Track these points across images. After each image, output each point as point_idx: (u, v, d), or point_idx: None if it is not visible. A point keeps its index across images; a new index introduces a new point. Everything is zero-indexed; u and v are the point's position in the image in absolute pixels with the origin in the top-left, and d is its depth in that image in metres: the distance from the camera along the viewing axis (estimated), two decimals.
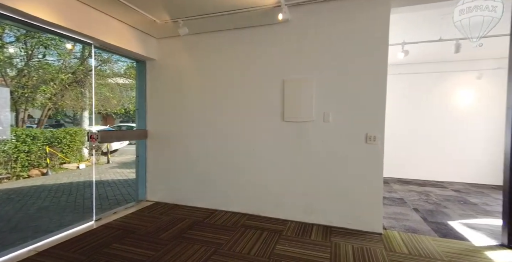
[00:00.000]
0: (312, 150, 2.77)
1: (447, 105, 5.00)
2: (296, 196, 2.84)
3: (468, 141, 4.88)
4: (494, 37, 3.23)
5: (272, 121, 2.92)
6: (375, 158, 2.55)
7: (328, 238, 2.43)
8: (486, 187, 4.57)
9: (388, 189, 4.35)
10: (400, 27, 3.22)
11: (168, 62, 3.41)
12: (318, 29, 2.68)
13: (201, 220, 2.87)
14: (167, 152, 3.46)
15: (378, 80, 2.51)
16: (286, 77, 2.84)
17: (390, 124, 5.00)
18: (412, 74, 5.10)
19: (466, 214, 3.19)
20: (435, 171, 5.07)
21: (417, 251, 2.20)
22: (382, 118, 2.52)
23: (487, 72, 4.63)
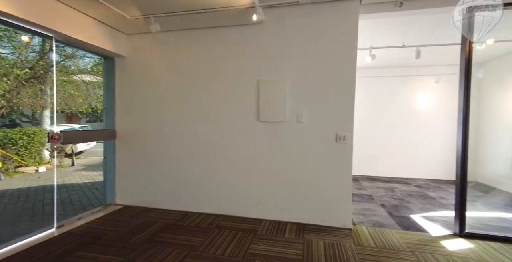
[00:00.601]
0: (286, 150, 2.82)
1: (410, 107, 5.38)
2: (270, 195, 2.88)
3: (428, 140, 5.29)
4: (450, 45, 3.55)
5: (247, 122, 2.93)
6: (345, 156, 2.67)
7: (301, 235, 2.49)
8: (443, 182, 5.00)
9: (358, 186, 4.57)
10: (368, 32, 3.40)
11: (139, 60, 3.27)
12: (291, 31, 2.74)
13: (174, 223, 2.79)
14: (137, 153, 3.31)
15: (347, 83, 2.62)
16: (261, 78, 2.86)
17: (359, 125, 5.26)
18: (379, 77, 5.42)
19: (426, 207, 3.46)
20: (400, 169, 5.43)
21: (383, 244, 2.34)
22: (351, 118, 2.64)
23: (444, 77, 5.06)
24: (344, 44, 2.61)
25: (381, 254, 2.16)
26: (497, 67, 4.68)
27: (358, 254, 2.15)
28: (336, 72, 2.65)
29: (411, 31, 3.38)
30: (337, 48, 2.63)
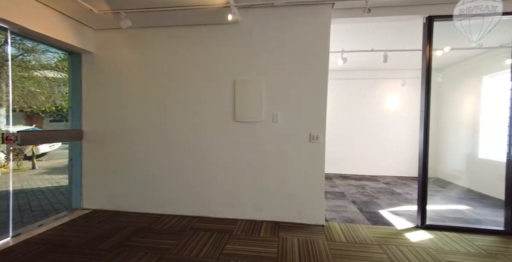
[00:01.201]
0: (262, 149, 2.85)
1: (379, 108, 5.70)
2: (246, 195, 2.89)
3: (395, 139, 5.64)
4: (414, 51, 3.81)
5: (223, 122, 2.91)
6: (318, 155, 2.76)
7: (276, 234, 2.53)
8: (409, 178, 5.35)
9: (331, 184, 4.74)
10: (340, 36, 3.54)
11: (108, 56, 3.11)
12: (266, 32, 2.77)
13: (147, 226, 2.69)
14: (106, 154, 3.15)
15: (320, 84, 2.71)
16: (237, 78, 2.86)
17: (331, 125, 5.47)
18: (350, 80, 5.67)
19: (393, 203, 3.68)
20: (370, 167, 5.73)
21: (353, 239, 2.45)
22: (324, 119, 2.74)
23: (409, 80, 5.42)
24: (317, 46, 2.70)
25: (351, 249, 2.26)
26: (454, 73, 5.12)
27: (330, 250, 2.23)
28: (309, 74, 2.73)
29: (379, 37, 3.58)
30: (311, 50, 2.71)
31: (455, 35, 3.54)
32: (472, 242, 2.41)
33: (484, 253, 2.21)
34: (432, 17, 2.64)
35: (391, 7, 2.65)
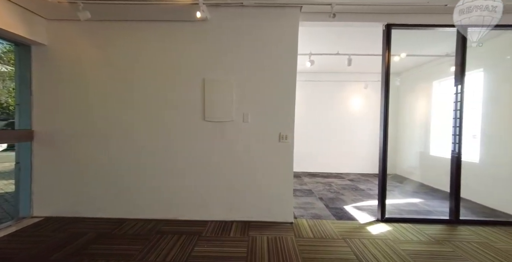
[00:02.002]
0: (232, 149, 2.83)
1: (344, 109, 6.02)
2: (216, 195, 2.85)
3: (359, 138, 6.00)
4: (375, 56, 4.07)
5: (192, 121, 2.84)
6: (287, 155, 2.82)
7: (246, 233, 2.54)
8: (371, 175, 5.72)
9: (300, 182, 4.88)
10: (308, 39, 3.67)
11: (64, 49, 2.86)
12: (236, 32, 2.77)
13: (109, 232, 2.53)
14: (62, 156, 2.88)
15: (289, 85, 2.78)
16: (206, 77, 2.81)
17: (300, 125, 5.63)
18: (317, 82, 5.91)
19: (356, 198, 3.91)
20: (336, 164, 6.02)
21: (320, 234, 2.55)
22: (292, 119, 2.81)
23: (371, 83, 5.80)
24: (286, 48, 2.76)
25: (318, 244, 2.35)
26: (409, 77, 5.59)
27: (298, 246, 2.30)
28: (279, 74, 2.78)
29: (344, 41, 3.78)
30: (280, 51, 2.76)
31: (410, 43, 3.87)
32: (423, 231, 2.65)
33: (433, 240, 2.45)
34: (390, 25, 2.85)
35: (354, 13, 2.81)
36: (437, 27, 2.86)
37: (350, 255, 2.14)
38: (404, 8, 2.68)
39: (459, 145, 2.87)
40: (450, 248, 2.30)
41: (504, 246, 2.35)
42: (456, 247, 2.31)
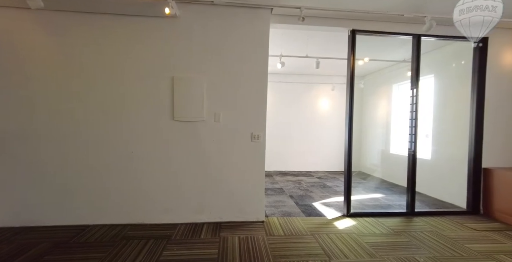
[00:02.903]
0: (203, 149, 2.78)
1: (313, 110, 6.25)
2: (186, 197, 2.78)
3: (327, 138, 6.27)
4: (341, 59, 4.28)
5: (160, 121, 2.73)
6: (259, 154, 2.85)
7: (217, 234, 2.51)
8: (338, 173, 6.01)
9: (271, 181, 4.96)
10: (279, 41, 3.74)
11: (9, 40, 2.56)
12: (207, 30, 2.72)
13: (66, 241, 2.33)
14: (3, 159, 2.59)
15: (260, 85, 2.81)
16: (176, 75, 2.72)
17: (271, 125, 5.73)
18: (288, 83, 6.06)
19: (324, 195, 4.08)
20: (306, 163, 6.23)
21: (290, 231, 2.62)
22: (264, 119, 2.84)
23: (338, 85, 6.09)
24: (257, 49, 2.78)
25: (288, 241, 2.41)
26: (372, 80, 5.97)
27: (269, 244, 2.33)
28: (250, 75, 2.79)
29: (313, 44, 3.92)
30: (251, 52, 2.78)
31: (373, 48, 4.13)
32: (384, 224, 2.86)
33: (392, 232, 2.65)
34: (355, 31, 3.02)
35: (322, 18, 2.93)
36: (395, 34, 3.10)
37: (318, 250, 2.23)
38: (367, 15, 2.86)
39: (414, 143, 3.14)
40: (407, 238, 2.50)
41: (450, 233, 2.62)
42: (412, 237, 2.52)
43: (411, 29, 3.05)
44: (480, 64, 3.21)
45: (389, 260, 2.08)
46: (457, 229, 2.74)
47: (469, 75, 3.31)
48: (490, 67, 3.20)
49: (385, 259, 2.09)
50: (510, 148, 3.27)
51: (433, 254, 2.19)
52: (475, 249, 2.29)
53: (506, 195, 2.96)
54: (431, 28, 2.67)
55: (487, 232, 2.67)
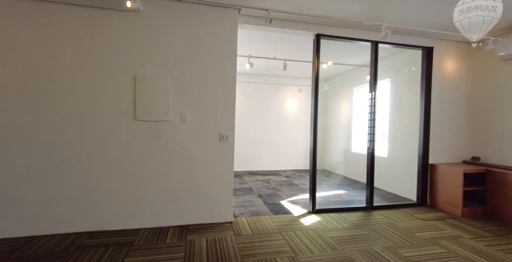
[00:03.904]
0: (169, 150, 2.68)
1: (281, 111, 6.39)
2: (151, 200, 2.65)
3: (294, 138, 6.46)
4: (307, 62, 4.44)
5: (121, 121, 2.57)
6: (228, 154, 2.83)
7: (184, 237, 2.44)
8: (304, 171, 6.22)
9: (240, 181, 4.96)
10: (247, 41, 3.75)
11: None
12: (173, 27, 2.63)
13: (8, 255, 2.07)
14: None
15: (228, 85, 2.79)
16: (138, 72, 2.58)
17: (240, 125, 5.75)
18: (257, 83, 6.12)
19: (291, 193, 4.19)
20: (274, 162, 6.35)
21: (258, 230, 2.65)
22: (233, 119, 2.83)
23: (304, 87, 6.31)
24: (225, 48, 2.76)
25: (256, 240, 2.43)
26: (336, 83, 6.30)
27: (238, 244, 2.33)
28: (218, 74, 2.76)
29: (281, 46, 4.00)
30: (219, 51, 2.75)
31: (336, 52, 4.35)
32: (346, 218, 3.03)
33: (353, 226, 2.82)
34: (320, 35, 3.16)
35: (289, 21, 3.01)
36: (356, 40, 3.31)
37: (285, 247, 2.29)
38: (331, 21, 3.01)
39: (372, 142, 3.39)
40: (366, 231, 2.69)
41: (402, 224, 2.88)
42: (371, 230, 2.71)
43: (370, 36, 3.29)
44: (427, 71, 3.58)
45: (350, 252, 2.22)
46: (408, 220, 3.01)
47: (419, 80, 3.67)
48: (435, 74, 3.59)
49: (347, 252, 2.22)
50: (451, 146, 3.70)
51: (388, 244, 2.38)
52: (422, 237, 2.54)
53: (447, 187, 3.34)
54: (387, 36, 2.90)
55: (432, 221, 2.99)
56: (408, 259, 2.11)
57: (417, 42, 3.50)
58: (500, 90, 3.37)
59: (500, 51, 3.20)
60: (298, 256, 2.14)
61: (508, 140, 3.27)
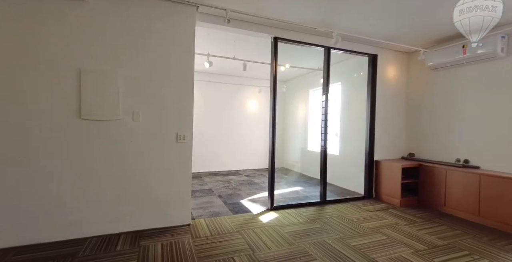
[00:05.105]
0: (120, 152, 2.50)
1: (242, 111, 6.43)
2: (99, 206, 2.43)
3: (254, 137, 6.55)
4: (267, 64, 4.54)
5: (64, 120, 2.31)
6: (185, 155, 2.74)
7: (137, 243, 2.30)
8: (265, 170, 6.35)
9: (200, 182, 4.86)
10: (206, 40, 3.70)
11: None
12: (125, 20, 2.46)
13: None
14: None
15: (186, 84, 2.71)
16: (83, 67, 2.35)
17: (200, 125, 5.63)
18: (218, 83, 6.06)
19: (252, 192, 4.25)
20: (235, 162, 6.35)
21: (217, 231, 2.63)
22: (191, 118, 2.76)
23: (264, 88, 6.43)
24: (182, 45, 2.68)
25: (215, 240, 2.41)
26: (293, 85, 6.57)
27: (195, 246, 2.28)
28: (175, 72, 2.66)
29: (241, 46, 4.03)
30: (176, 47, 2.65)
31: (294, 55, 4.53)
32: (302, 213, 3.19)
33: (308, 220, 2.98)
34: (277, 38, 3.26)
35: (248, 22, 3.05)
36: (311, 45, 3.50)
37: (244, 245, 2.32)
38: (288, 25, 3.13)
39: (325, 141, 3.62)
40: (319, 224, 2.87)
41: (351, 216, 3.14)
42: (323, 223, 2.90)
43: (324, 42, 3.51)
44: (373, 76, 3.96)
45: (305, 245, 2.34)
46: (356, 212, 3.30)
47: (366, 84, 4.03)
48: (379, 79, 3.98)
49: (302, 245, 2.34)
50: (392, 144, 4.15)
51: (339, 235, 2.57)
52: (367, 227, 2.81)
53: (388, 181, 3.74)
54: (338, 42, 3.13)
55: (377, 212, 3.32)
56: (355, 248, 2.31)
57: (364, 50, 3.85)
58: (430, 96, 3.89)
59: (429, 61, 3.70)
60: (256, 253, 2.18)
61: (436, 139, 3.79)
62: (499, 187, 2.79)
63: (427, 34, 3.41)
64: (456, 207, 3.19)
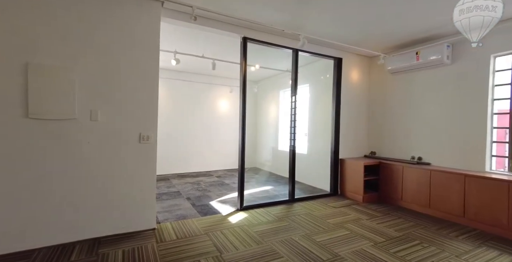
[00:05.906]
0: (76, 154, 2.31)
1: (213, 110, 6.33)
2: (49, 215, 2.22)
3: (226, 137, 6.48)
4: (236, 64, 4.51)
5: (6, 119, 2.07)
6: (149, 157, 2.62)
7: (95, 252, 2.15)
8: (236, 170, 6.32)
9: (168, 185, 4.68)
10: (174, 36, 3.57)
11: None
12: (83, 10, 2.27)
13: None
14: None
15: (150, 82, 2.59)
16: (32, 61, 2.13)
17: (167, 125, 5.43)
18: (186, 81, 5.88)
19: (222, 193, 4.20)
20: (205, 163, 6.23)
21: (184, 234, 2.55)
22: (155, 118, 2.64)
23: (235, 88, 6.41)
24: (145, 40, 2.55)
25: (181, 244, 2.34)
26: (264, 85, 6.63)
27: (159, 251, 2.19)
28: (137, 68, 2.53)
29: (210, 45, 3.95)
30: (139, 43, 2.52)
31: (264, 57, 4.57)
32: (271, 212, 3.23)
33: (277, 218, 3.03)
34: (246, 38, 3.26)
35: (215, 21, 3.00)
36: (280, 47, 3.56)
37: (211, 247, 2.28)
38: (257, 26, 3.15)
39: (294, 140, 3.70)
40: (287, 222, 2.92)
41: (318, 213, 3.25)
42: (291, 221, 2.96)
43: (292, 44, 3.59)
44: (338, 79, 4.14)
45: (272, 244, 2.37)
46: (322, 209, 3.42)
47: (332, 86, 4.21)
48: (344, 82, 4.18)
49: (269, 244, 2.36)
50: (355, 143, 4.38)
51: (305, 232, 2.64)
52: (332, 223, 2.93)
53: (352, 178, 3.95)
54: (304, 45, 3.22)
55: (341, 208, 3.48)
56: (321, 243, 2.40)
57: (330, 53, 4.01)
58: (390, 97, 4.18)
59: (388, 65, 3.97)
60: (223, 254, 2.16)
61: (394, 138, 4.08)
62: (446, 181, 3.09)
63: (386, 40, 3.66)
64: (412, 200, 3.47)
